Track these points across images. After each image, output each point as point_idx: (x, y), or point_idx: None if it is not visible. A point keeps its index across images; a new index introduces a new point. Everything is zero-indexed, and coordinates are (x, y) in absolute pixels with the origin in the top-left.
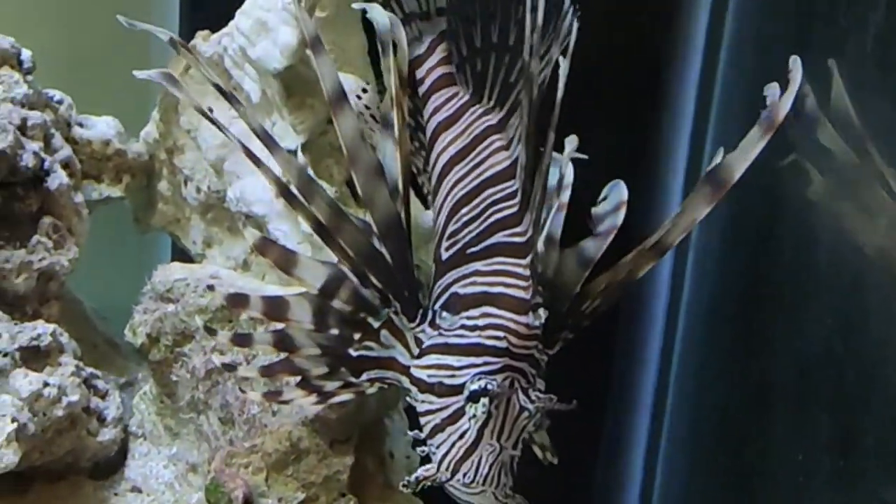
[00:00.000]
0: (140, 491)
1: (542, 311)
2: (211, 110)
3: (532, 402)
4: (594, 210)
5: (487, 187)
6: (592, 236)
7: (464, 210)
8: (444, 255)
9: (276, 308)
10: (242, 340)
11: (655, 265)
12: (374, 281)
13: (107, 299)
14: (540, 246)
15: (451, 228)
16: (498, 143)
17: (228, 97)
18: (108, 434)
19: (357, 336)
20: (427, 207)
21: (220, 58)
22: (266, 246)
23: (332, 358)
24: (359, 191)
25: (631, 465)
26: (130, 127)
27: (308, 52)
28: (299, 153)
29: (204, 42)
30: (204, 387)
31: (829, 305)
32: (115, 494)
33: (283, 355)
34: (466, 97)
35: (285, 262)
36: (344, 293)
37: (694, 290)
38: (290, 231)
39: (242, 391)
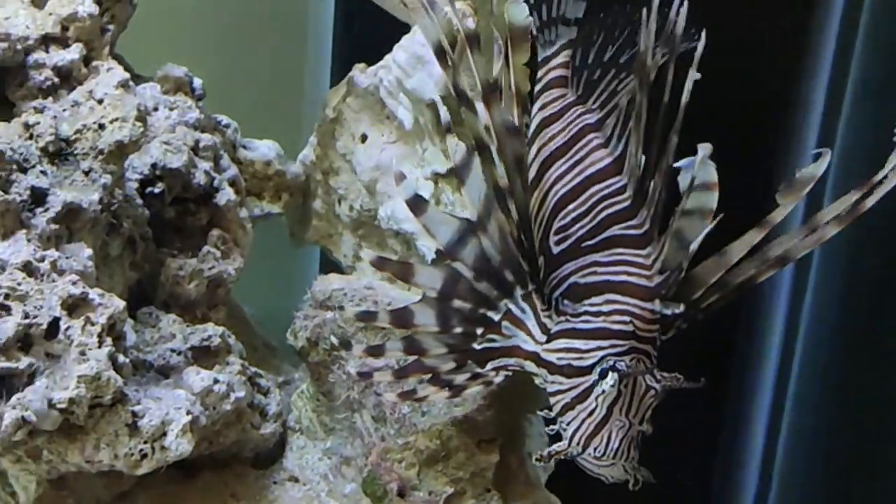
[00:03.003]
0: (297, 480)
1: (680, 306)
2: (365, 137)
3: (658, 381)
4: (679, 180)
5: (593, 184)
6: (684, 214)
7: (571, 206)
8: (556, 249)
9: (401, 317)
10: (376, 350)
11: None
12: (517, 262)
13: (263, 305)
14: (667, 242)
15: (558, 224)
16: (596, 142)
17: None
18: (269, 427)
19: (480, 331)
20: None
21: (376, 88)
22: (382, 262)
23: (459, 354)
24: (499, 179)
25: (747, 474)
26: (285, 148)
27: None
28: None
29: (361, 73)
30: (358, 387)
31: None
32: (275, 483)
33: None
34: (572, 98)
35: (402, 273)
36: (461, 292)
37: (818, 294)
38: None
39: (378, 394)
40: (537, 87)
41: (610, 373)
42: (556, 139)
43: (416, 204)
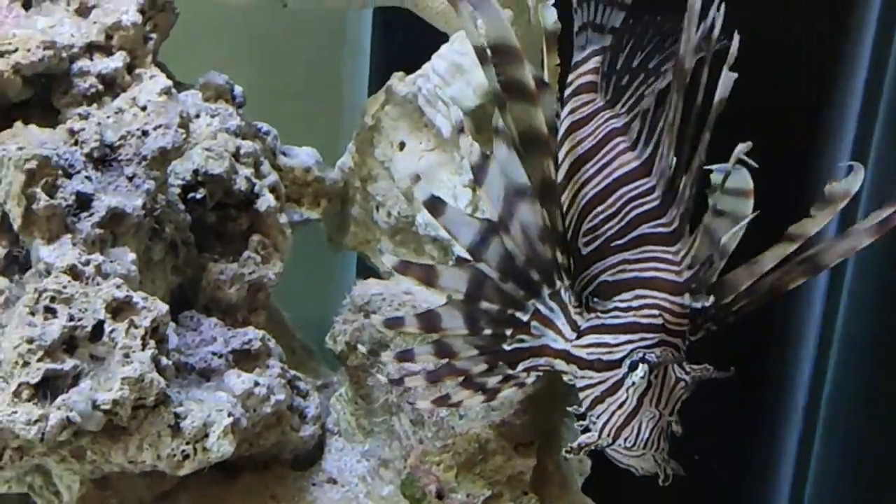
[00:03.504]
0: (335, 482)
1: (710, 298)
2: (403, 145)
3: (687, 373)
4: (712, 177)
5: (621, 185)
6: (717, 214)
7: (599, 208)
8: (585, 250)
9: (429, 321)
10: (406, 356)
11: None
12: (543, 261)
13: (301, 309)
14: (697, 239)
15: (587, 225)
16: (623, 145)
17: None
18: (308, 430)
19: (509, 332)
20: None
21: (415, 96)
22: (405, 266)
23: (490, 355)
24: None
25: (781, 477)
26: (323, 155)
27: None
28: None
29: (399, 82)
30: (396, 391)
31: None
32: (313, 484)
33: (445, 361)
34: (600, 103)
35: (426, 276)
36: (488, 293)
37: (853, 296)
38: None
39: (410, 403)
40: (567, 91)
41: (640, 364)
42: (584, 143)
43: (434, 205)
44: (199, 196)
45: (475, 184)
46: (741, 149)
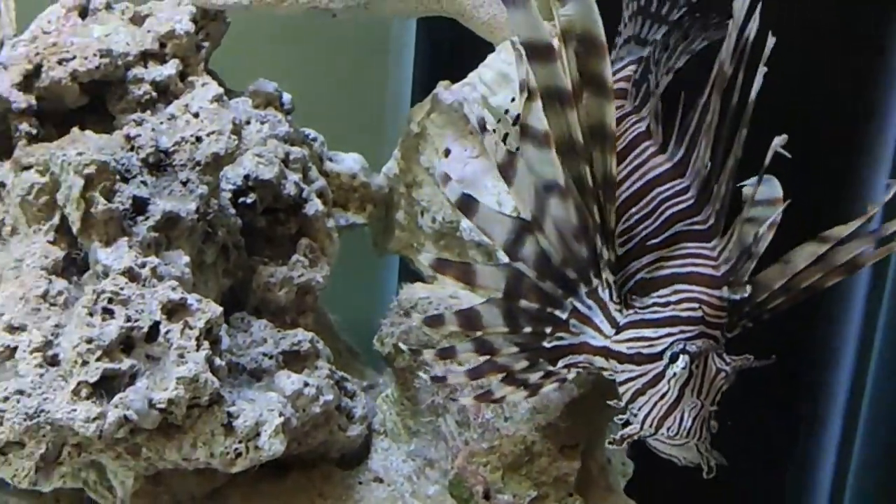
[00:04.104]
0: (381, 481)
1: (748, 289)
2: (448, 152)
3: (728, 363)
4: (744, 190)
5: (655, 186)
6: (748, 220)
7: (633, 209)
8: (621, 251)
9: (469, 320)
10: (447, 353)
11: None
12: (579, 260)
13: (345, 312)
14: (735, 233)
15: (622, 227)
16: (651, 149)
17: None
18: (355, 430)
19: (549, 330)
20: None
21: (460, 105)
22: (442, 265)
23: (530, 352)
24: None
25: (821, 477)
26: (367, 161)
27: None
28: None
29: (445, 90)
30: (443, 392)
31: None
32: (360, 483)
33: (486, 358)
34: (628, 108)
35: (465, 275)
36: (526, 291)
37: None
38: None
39: (454, 399)
40: None
41: (681, 355)
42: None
43: (466, 204)
44: (249, 201)
45: (507, 183)
46: (777, 142)
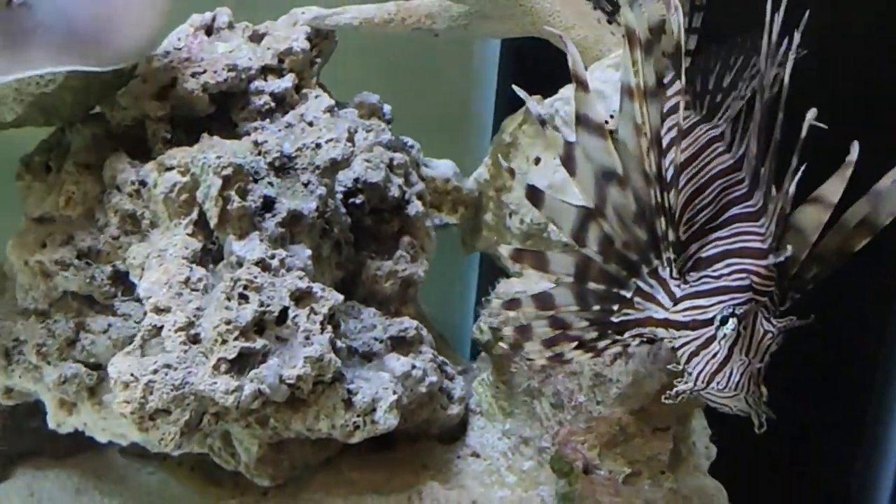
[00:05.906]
0: (478, 456)
1: (787, 248)
2: (538, 160)
3: (774, 325)
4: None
5: (717, 179)
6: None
7: (697, 200)
8: (683, 237)
9: (543, 301)
10: (524, 331)
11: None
12: (639, 242)
13: (431, 304)
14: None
15: (687, 216)
16: (720, 149)
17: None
18: (454, 409)
19: (616, 307)
20: None
21: (552, 117)
22: (520, 254)
23: (599, 326)
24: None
25: (887, 470)
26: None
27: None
28: None
29: (538, 104)
30: (538, 377)
31: None
32: (458, 457)
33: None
34: (696, 118)
35: (539, 263)
36: (594, 274)
37: None
38: None
39: (529, 360)
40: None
41: (730, 318)
42: (685, 152)
43: (535, 195)
44: (358, 201)
45: (569, 174)
46: (811, 115)
